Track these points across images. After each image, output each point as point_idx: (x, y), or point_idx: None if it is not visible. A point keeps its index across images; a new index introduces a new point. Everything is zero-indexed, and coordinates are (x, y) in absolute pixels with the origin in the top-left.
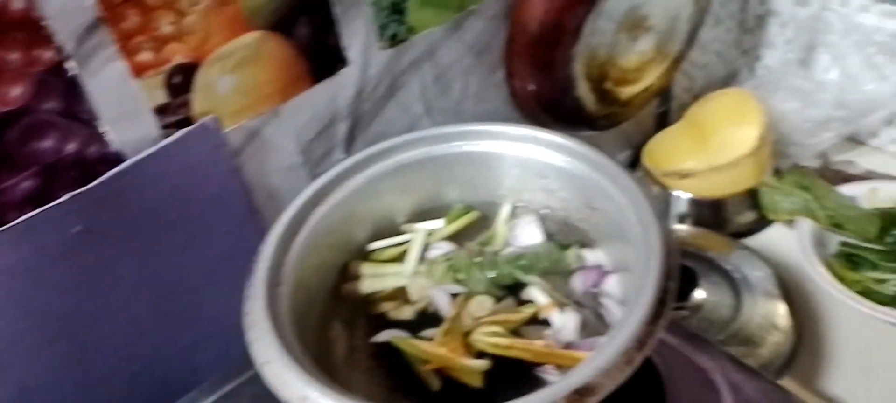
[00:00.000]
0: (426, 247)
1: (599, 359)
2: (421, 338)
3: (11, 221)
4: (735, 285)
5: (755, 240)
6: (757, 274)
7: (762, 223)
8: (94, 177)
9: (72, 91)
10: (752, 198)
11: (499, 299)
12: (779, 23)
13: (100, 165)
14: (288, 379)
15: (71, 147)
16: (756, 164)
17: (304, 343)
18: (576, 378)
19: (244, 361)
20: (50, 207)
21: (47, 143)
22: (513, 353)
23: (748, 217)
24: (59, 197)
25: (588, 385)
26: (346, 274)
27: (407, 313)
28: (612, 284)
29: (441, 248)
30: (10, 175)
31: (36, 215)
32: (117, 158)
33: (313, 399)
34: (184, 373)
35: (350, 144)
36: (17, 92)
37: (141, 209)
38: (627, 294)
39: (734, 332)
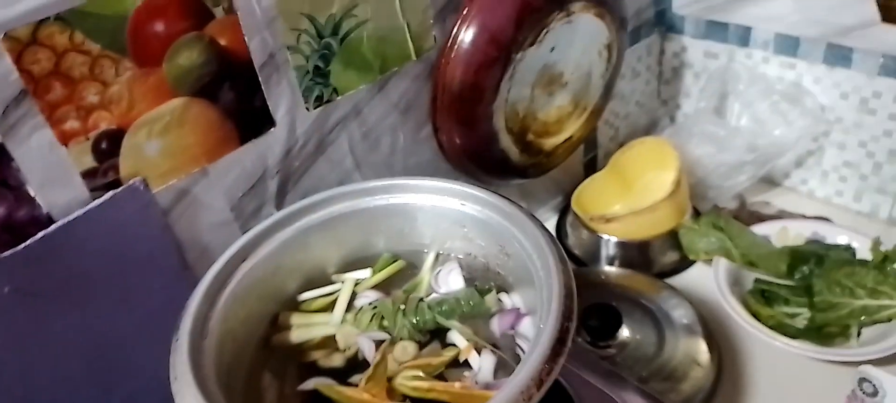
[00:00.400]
0: (354, 296)
1: (500, 397)
2: (349, 385)
3: None
4: (659, 323)
5: (678, 279)
6: (679, 312)
7: (685, 263)
8: (24, 239)
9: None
10: (674, 238)
11: (422, 344)
12: (692, 73)
13: (30, 227)
14: None
15: (0, 211)
16: (674, 207)
17: (232, 395)
18: None
19: None
20: None
21: None
22: (433, 395)
23: (671, 257)
24: None
25: None
26: (276, 324)
27: (336, 360)
28: (526, 326)
29: (368, 297)
30: None
31: None
32: (47, 220)
33: None
34: None
35: (281, 199)
36: None
37: (72, 269)
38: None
39: (658, 368)
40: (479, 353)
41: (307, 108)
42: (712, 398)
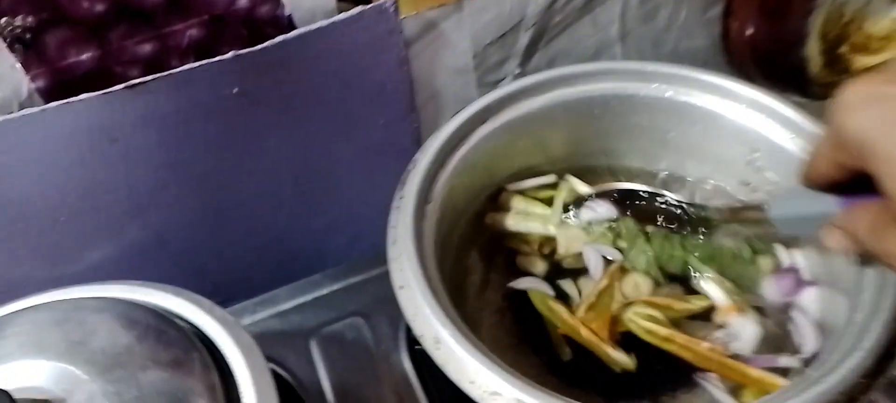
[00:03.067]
0: (583, 202)
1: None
2: (561, 296)
3: (173, 69)
4: None
5: None
6: None
7: None
8: (261, 40)
9: None
10: None
11: (658, 285)
12: None
13: (269, 28)
14: (423, 313)
15: (243, 1)
16: None
17: (443, 267)
18: None
19: (373, 256)
20: (212, 62)
21: None
22: (670, 348)
23: None
24: (224, 53)
25: None
26: (497, 201)
27: (540, 267)
28: (808, 298)
29: (603, 209)
30: (178, 19)
31: (197, 67)
32: (288, 24)
33: (445, 340)
34: (313, 254)
35: (529, 57)
36: None
37: (302, 83)
38: (828, 315)
39: None
40: (739, 315)
41: None
42: None
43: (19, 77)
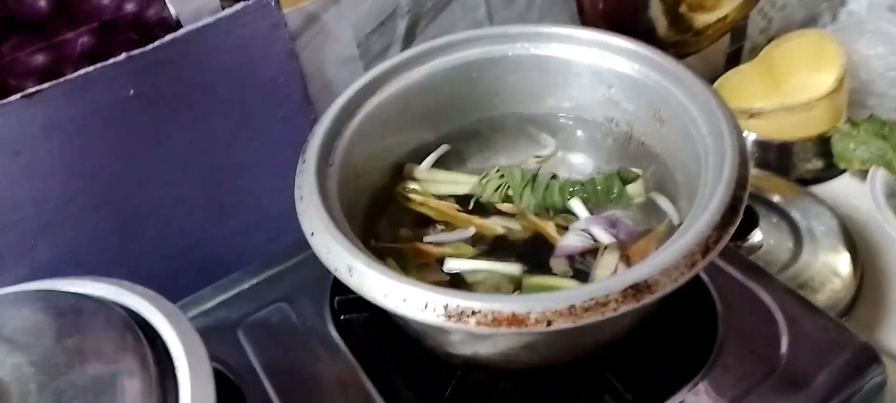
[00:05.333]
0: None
1: (662, 257)
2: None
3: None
4: (797, 230)
5: (819, 189)
6: (820, 220)
7: (830, 171)
8: (151, 42)
9: None
10: (821, 144)
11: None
12: None
13: (157, 30)
14: (335, 248)
15: (130, 6)
16: (830, 109)
17: (352, 226)
18: (634, 273)
19: (290, 248)
20: (106, 65)
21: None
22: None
23: (816, 164)
24: (116, 56)
25: (646, 281)
26: (400, 173)
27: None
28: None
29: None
30: (69, 28)
31: (91, 71)
32: (176, 25)
33: (358, 269)
34: (231, 256)
35: (409, 42)
36: None
37: (195, 80)
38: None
39: (792, 275)
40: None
41: None
42: (851, 311)
43: None
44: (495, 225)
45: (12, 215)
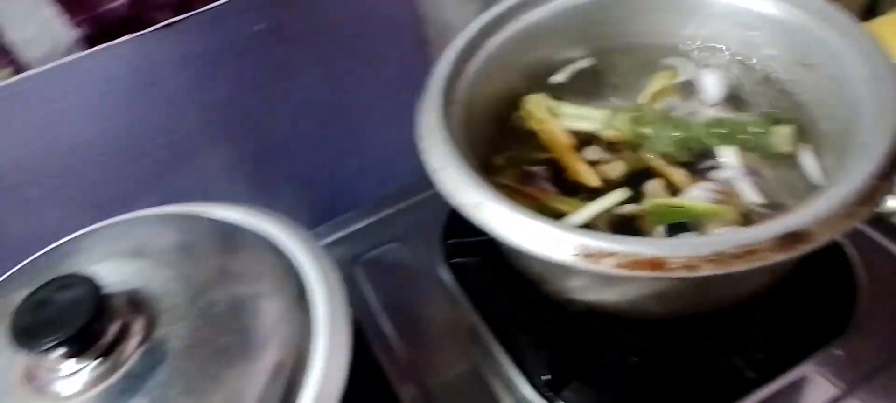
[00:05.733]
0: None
1: (818, 206)
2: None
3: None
4: None
5: None
6: None
7: None
8: None
9: None
10: None
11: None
12: None
13: None
14: (462, 184)
15: None
16: None
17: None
18: (788, 221)
19: (402, 191)
20: None
21: None
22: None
23: None
24: None
25: (802, 230)
26: (519, 106)
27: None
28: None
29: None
30: None
31: (222, 5)
32: None
33: (486, 205)
34: (347, 196)
35: None
36: None
37: (321, 17)
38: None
39: None
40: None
41: None
42: None
43: (62, 26)
44: (612, 170)
45: (147, 144)
